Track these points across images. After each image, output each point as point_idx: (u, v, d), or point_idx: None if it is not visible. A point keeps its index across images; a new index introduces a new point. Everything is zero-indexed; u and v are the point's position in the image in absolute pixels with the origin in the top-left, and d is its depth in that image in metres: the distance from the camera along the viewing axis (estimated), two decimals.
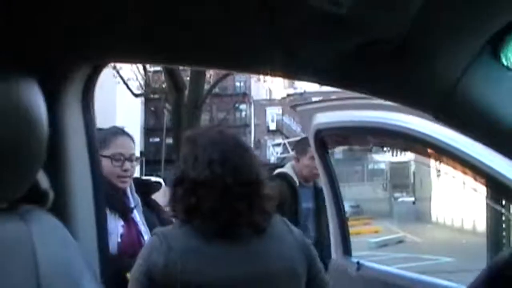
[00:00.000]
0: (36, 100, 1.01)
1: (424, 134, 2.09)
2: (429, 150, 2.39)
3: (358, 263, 2.53)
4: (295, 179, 3.66)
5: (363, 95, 2.45)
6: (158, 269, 1.63)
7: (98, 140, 2.35)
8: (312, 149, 2.79)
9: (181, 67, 11.39)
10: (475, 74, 0.95)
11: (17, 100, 0.97)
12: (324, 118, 2.60)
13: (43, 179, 1.14)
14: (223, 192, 1.68)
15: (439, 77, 0.98)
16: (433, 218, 22.27)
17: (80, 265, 1.03)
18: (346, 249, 2.70)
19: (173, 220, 1.91)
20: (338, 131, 2.63)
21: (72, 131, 1.32)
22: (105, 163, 2.31)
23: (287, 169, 3.77)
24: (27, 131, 0.98)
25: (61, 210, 1.21)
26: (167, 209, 2.00)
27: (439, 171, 22.47)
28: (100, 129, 2.54)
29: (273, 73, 1.34)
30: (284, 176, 3.71)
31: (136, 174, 3.83)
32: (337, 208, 2.72)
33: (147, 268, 1.65)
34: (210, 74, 14.84)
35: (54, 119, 1.26)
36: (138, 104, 34.39)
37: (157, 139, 34.97)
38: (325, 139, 2.71)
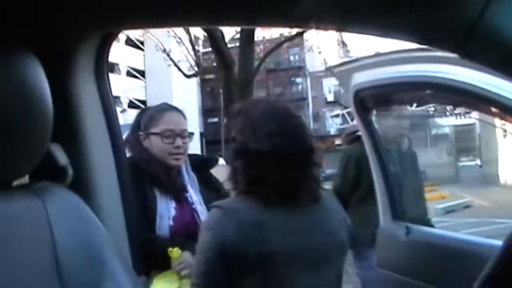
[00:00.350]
0: (36, 75, 0.99)
1: (478, 87, 1.95)
2: (492, 109, 2.24)
3: (407, 227, 2.43)
4: None
5: (403, 49, 2.35)
6: (229, 242, 1.66)
7: (146, 118, 2.36)
8: (353, 111, 2.69)
9: (230, 44, 11.42)
10: (499, 6, 0.86)
11: (16, 77, 0.96)
12: (363, 77, 2.48)
13: (61, 156, 1.13)
14: (285, 162, 1.72)
15: (460, 12, 0.90)
16: (501, 181, 21.63)
17: (100, 240, 1.01)
18: (395, 214, 2.60)
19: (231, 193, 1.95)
20: (379, 89, 2.50)
21: (87, 103, 1.30)
22: (155, 141, 2.29)
23: None
24: (29, 107, 0.97)
25: (82, 186, 1.21)
26: (226, 183, 2.01)
27: (505, 131, 21.85)
28: (148, 108, 2.52)
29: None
30: (357, 138, 3.72)
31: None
32: (383, 172, 2.62)
33: (217, 242, 1.67)
34: (261, 49, 14.78)
35: (67, 92, 1.24)
36: (194, 86, 34.86)
37: (216, 119, 35.45)
38: (365, 99, 2.60)
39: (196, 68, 14.82)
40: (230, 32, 13.73)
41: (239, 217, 1.68)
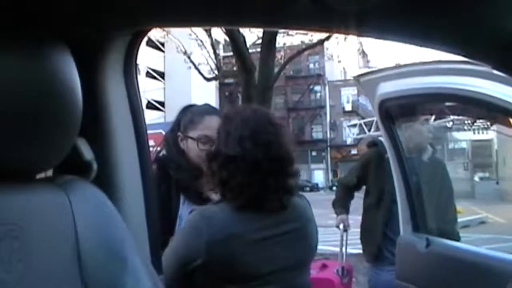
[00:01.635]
0: (68, 69, 0.99)
1: (501, 101, 1.93)
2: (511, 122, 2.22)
3: (427, 239, 2.40)
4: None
5: (429, 61, 2.33)
6: (200, 253, 1.69)
7: (186, 119, 2.34)
8: (378, 121, 2.67)
9: (251, 50, 11.43)
10: None
11: (49, 69, 0.95)
12: (388, 87, 2.46)
13: (86, 150, 1.13)
14: (252, 167, 1.74)
15: (498, 26, 0.88)
16: None
17: (122, 237, 1.01)
18: (415, 225, 2.57)
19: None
20: (404, 100, 2.48)
21: (115, 100, 1.29)
22: (192, 145, 2.24)
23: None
24: (59, 100, 0.97)
25: (106, 181, 1.20)
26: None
27: None
28: (193, 105, 2.48)
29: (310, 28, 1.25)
30: (374, 143, 3.79)
31: None
32: (405, 183, 2.60)
33: (189, 249, 1.72)
34: (282, 55, 14.79)
35: (96, 89, 1.24)
36: (212, 90, 34.99)
37: None
38: (390, 109, 2.58)
39: (216, 72, 14.85)
40: (251, 37, 13.76)
41: (212, 228, 1.71)
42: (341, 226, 3.88)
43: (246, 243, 1.72)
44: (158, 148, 2.45)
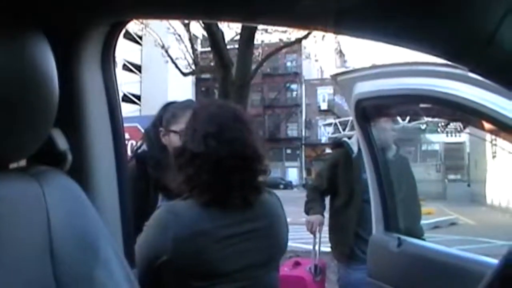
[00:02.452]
0: (46, 57, 0.98)
1: (476, 104, 1.96)
2: (484, 126, 2.25)
3: (399, 238, 2.42)
4: (354, 147, 3.56)
5: (406, 62, 2.35)
6: (166, 250, 1.69)
7: (169, 114, 2.31)
8: (354, 121, 2.69)
9: (228, 46, 11.41)
10: None
11: (26, 58, 0.94)
12: (365, 87, 2.48)
13: (61, 141, 1.12)
14: (216, 165, 1.74)
15: (476, 28, 0.89)
16: (488, 201, 21.78)
17: (96, 229, 1.00)
18: (387, 225, 2.60)
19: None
20: (381, 100, 2.50)
21: (91, 91, 1.28)
22: (174, 139, 2.23)
23: (353, 138, 3.67)
24: (36, 89, 0.95)
25: (80, 173, 1.19)
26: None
27: (494, 152, 22.04)
28: (174, 102, 2.46)
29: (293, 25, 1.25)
30: (340, 144, 3.78)
31: None
32: (379, 182, 2.62)
33: (154, 246, 1.72)
34: (259, 52, 14.79)
35: (72, 79, 1.23)
36: (189, 85, 34.87)
37: None
38: (366, 109, 2.60)
39: (193, 67, 14.80)
40: (230, 33, 13.73)
41: (179, 224, 1.71)
42: (314, 227, 3.76)
43: (213, 240, 1.72)
44: (138, 144, 2.44)
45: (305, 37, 13.12)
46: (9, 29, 0.93)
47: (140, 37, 30.35)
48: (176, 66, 14.63)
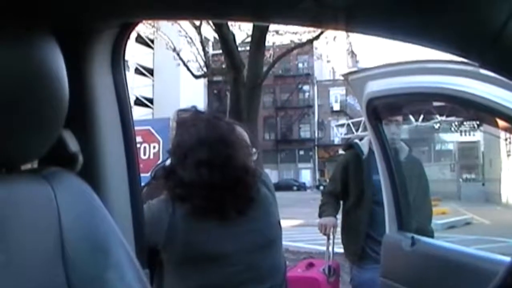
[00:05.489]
0: (55, 59, 0.98)
1: (490, 101, 1.93)
2: (499, 124, 2.23)
3: (412, 238, 2.41)
4: (364, 149, 3.56)
5: (417, 60, 2.34)
6: (159, 239, 1.79)
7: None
8: (365, 120, 2.67)
9: (240, 48, 11.41)
10: None
11: (36, 60, 0.94)
12: (376, 86, 2.46)
13: (72, 142, 1.12)
14: (210, 190, 1.80)
15: (484, 21, 0.88)
16: (503, 200, 21.59)
17: (107, 230, 1.00)
18: (401, 224, 2.58)
19: None
20: (392, 98, 2.48)
21: (102, 93, 1.29)
22: None
23: (364, 140, 3.67)
24: (46, 91, 0.96)
25: (91, 174, 1.19)
26: None
27: (509, 151, 21.87)
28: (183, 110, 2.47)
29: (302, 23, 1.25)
30: (350, 146, 3.78)
31: None
32: (391, 182, 2.60)
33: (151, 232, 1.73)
34: (271, 54, 14.78)
35: (83, 80, 1.24)
36: (201, 87, 34.94)
37: None
38: (378, 108, 2.58)
39: (205, 69, 14.83)
40: (241, 35, 13.72)
41: (175, 215, 1.80)
42: (328, 229, 3.70)
43: (205, 232, 1.80)
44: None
45: (317, 38, 13.08)
46: (19, 31, 0.94)
47: (152, 41, 30.47)
48: (188, 69, 14.66)
